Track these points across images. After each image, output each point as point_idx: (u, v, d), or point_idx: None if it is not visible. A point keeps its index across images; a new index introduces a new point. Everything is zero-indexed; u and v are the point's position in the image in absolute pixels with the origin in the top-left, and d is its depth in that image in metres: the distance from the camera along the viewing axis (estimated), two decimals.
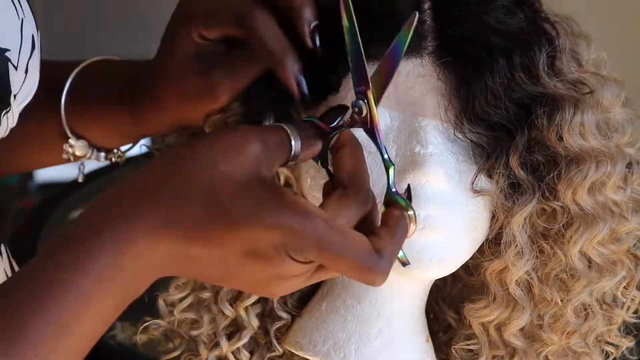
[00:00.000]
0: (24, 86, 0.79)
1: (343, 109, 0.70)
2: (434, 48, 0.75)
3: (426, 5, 0.76)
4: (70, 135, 0.88)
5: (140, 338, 0.89)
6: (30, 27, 0.80)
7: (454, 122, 0.75)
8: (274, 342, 0.84)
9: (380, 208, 0.68)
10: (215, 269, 0.64)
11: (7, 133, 0.79)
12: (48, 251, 0.63)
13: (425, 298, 0.83)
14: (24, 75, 0.79)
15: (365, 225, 0.66)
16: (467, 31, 0.74)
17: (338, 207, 0.65)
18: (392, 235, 0.65)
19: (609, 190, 0.78)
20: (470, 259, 0.79)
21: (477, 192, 0.76)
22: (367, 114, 0.69)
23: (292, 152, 0.67)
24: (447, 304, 0.89)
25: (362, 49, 0.68)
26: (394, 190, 0.68)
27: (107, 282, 0.62)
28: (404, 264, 0.69)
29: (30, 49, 0.79)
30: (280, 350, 0.84)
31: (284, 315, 0.84)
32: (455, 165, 0.75)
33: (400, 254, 0.68)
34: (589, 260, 0.79)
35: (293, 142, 0.66)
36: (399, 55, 0.68)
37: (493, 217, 0.78)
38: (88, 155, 0.88)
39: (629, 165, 0.80)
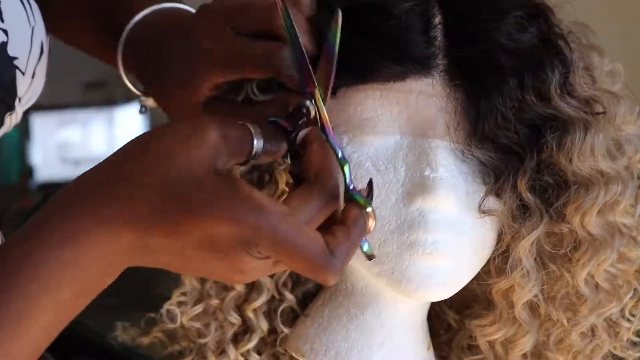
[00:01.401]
0: (30, 89, 0.81)
1: (302, 111, 0.69)
2: (445, 67, 0.74)
3: (437, 20, 0.73)
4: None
5: (143, 339, 0.89)
6: (40, 34, 0.82)
7: (463, 142, 0.74)
8: (284, 331, 0.83)
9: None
10: (174, 260, 0.64)
11: (10, 129, 0.81)
12: (10, 241, 0.64)
13: (428, 307, 0.83)
14: (31, 80, 0.80)
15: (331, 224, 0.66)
16: (477, 50, 0.73)
17: (300, 202, 0.64)
18: (347, 234, 0.64)
19: (618, 214, 0.76)
20: None
21: (484, 212, 0.74)
22: (316, 114, 0.68)
23: (254, 152, 0.65)
24: (447, 305, 0.88)
25: (304, 50, 0.68)
26: (351, 187, 0.66)
27: (65, 272, 0.62)
28: (370, 257, 0.67)
29: (39, 54, 0.81)
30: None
31: (290, 314, 0.84)
32: (464, 186, 0.74)
33: (366, 247, 0.67)
34: (596, 285, 0.77)
35: (255, 142, 0.65)
36: (334, 53, 0.68)
37: (499, 235, 0.77)
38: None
39: None
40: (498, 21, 0.73)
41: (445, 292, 0.75)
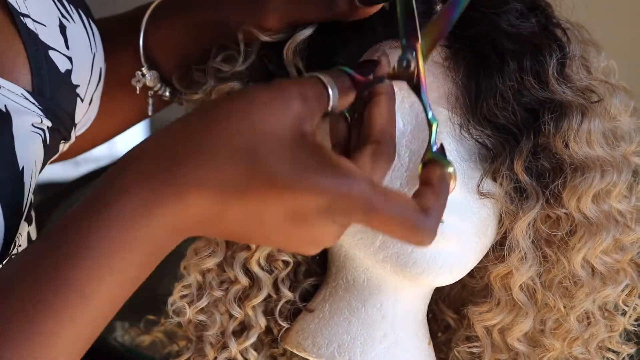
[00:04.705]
0: (86, 116, 0.80)
1: (375, 62, 0.68)
2: (446, 47, 0.76)
3: (439, 7, 0.76)
4: (144, 63, 0.87)
5: (143, 339, 0.89)
6: (100, 61, 0.81)
7: (460, 120, 0.75)
8: (278, 339, 0.84)
9: (419, 167, 0.67)
10: (249, 231, 0.61)
11: (58, 155, 0.79)
12: (71, 215, 0.60)
13: (428, 301, 0.84)
14: (88, 106, 0.80)
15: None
16: (479, 32, 0.75)
17: (372, 165, 0.63)
18: (436, 194, 0.63)
19: (613, 199, 0.78)
20: None
21: (483, 194, 0.76)
22: (414, 68, 0.67)
23: (331, 104, 0.63)
24: (446, 304, 0.89)
25: (413, 1, 0.67)
26: (435, 149, 0.66)
27: (129, 249, 0.59)
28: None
29: (97, 81, 0.80)
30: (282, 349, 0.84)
31: (288, 312, 0.84)
32: (465, 170, 0.76)
33: None
34: (592, 269, 0.79)
35: (331, 93, 0.63)
36: (459, 7, 0.67)
37: (500, 222, 0.79)
38: (157, 87, 0.87)
39: (635, 175, 0.81)
40: (499, 8, 0.75)
41: (450, 276, 0.77)
